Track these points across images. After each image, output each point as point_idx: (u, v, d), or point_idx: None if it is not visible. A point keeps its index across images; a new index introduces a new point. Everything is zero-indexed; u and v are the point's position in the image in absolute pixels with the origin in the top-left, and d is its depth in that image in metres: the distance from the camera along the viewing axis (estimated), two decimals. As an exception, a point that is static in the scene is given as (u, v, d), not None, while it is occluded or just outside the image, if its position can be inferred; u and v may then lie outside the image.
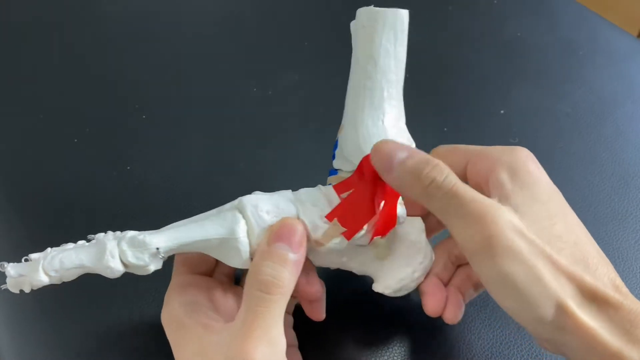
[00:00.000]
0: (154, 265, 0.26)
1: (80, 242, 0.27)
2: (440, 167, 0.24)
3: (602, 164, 0.43)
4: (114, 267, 0.25)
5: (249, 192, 0.28)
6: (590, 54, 0.51)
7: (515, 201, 0.25)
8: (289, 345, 0.31)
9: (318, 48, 0.51)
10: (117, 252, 0.25)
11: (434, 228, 0.32)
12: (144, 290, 0.35)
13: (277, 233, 0.25)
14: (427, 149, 0.30)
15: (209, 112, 0.46)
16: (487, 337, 0.33)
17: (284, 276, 0.24)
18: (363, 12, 0.27)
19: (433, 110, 0.46)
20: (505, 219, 0.23)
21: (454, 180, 0.24)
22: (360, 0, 0.28)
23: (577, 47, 0.52)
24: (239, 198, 0.27)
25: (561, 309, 0.23)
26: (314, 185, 0.29)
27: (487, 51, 0.51)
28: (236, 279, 0.32)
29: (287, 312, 0.32)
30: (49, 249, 0.26)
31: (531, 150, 0.28)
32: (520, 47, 0.52)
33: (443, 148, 0.30)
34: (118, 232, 0.27)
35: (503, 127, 0.45)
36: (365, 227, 0.27)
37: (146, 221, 0.28)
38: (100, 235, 0.26)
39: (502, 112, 0.46)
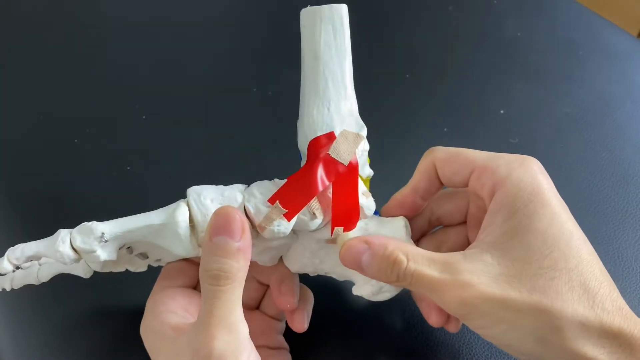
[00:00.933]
0: (102, 252, 0.27)
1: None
2: (399, 263, 0.25)
3: (602, 164, 0.43)
4: (62, 251, 0.26)
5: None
6: (590, 54, 0.51)
7: (502, 241, 0.25)
8: (279, 348, 0.31)
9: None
10: (68, 239, 0.27)
11: (424, 229, 0.32)
12: (147, 291, 0.35)
13: (215, 225, 0.25)
14: (427, 149, 0.30)
15: (209, 112, 0.46)
16: (487, 337, 0.33)
17: (231, 267, 0.24)
18: (304, 13, 0.28)
19: (433, 110, 0.46)
20: (469, 286, 0.24)
21: (412, 267, 0.25)
22: (359, 1, 0.28)
23: (577, 47, 0.52)
24: (188, 189, 0.28)
25: (546, 342, 0.23)
26: None
27: (487, 51, 0.51)
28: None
29: (276, 318, 0.32)
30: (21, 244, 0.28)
31: (531, 150, 0.28)
32: (520, 47, 0.52)
33: (443, 152, 0.29)
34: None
35: (503, 127, 0.45)
36: (320, 216, 0.27)
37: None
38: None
39: (502, 112, 0.46)
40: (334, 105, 0.28)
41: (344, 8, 0.28)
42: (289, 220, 0.27)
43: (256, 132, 0.45)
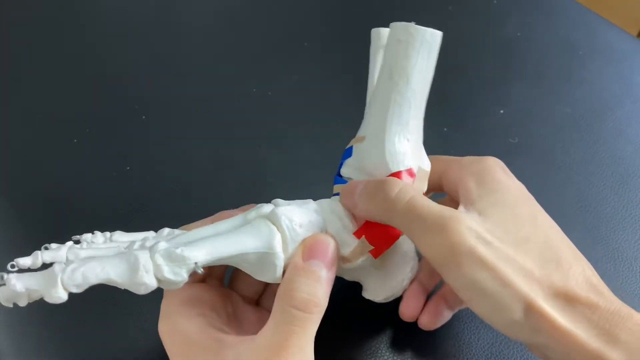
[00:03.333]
0: (185, 280, 0.24)
1: (86, 236, 0.26)
2: (391, 183, 0.25)
3: (602, 164, 0.43)
4: (149, 283, 0.22)
5: (249, 192, 0.28)
6: (590, 54, 0.51)
7: (480, 206, 0.25)
8: None
9: (318, 48, 0.51)
10: (151, 267, 0.23)
11: None
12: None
13: (312, 249, 0.25)
14: (428, 149, 0.30)
15: (209, 112, 0.46)
16: (487, 337, 0.33)
17: (320, 294, 0.24)
18: (400, 27, 0.27)
19: (433, 110, 0.46)
20: (467, 226, 0.23)
21: (409, 193, 0.24)
22: (359, 1, 0.28)
23: (577, 47, 0.52)
24: (271, 209, 0.26)
25: (532, 310, 0.23)
26: (314, 185, 0.29)
27: (486, 51, 0.51)
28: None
29: None
30: (69, 243, 0.24)
31: (531, 150, 0.28)
32: (519, 47, 0.52)
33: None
34: (141, 241, 0.25)
35: (503, 127, 0.45)
36: None
37: (146, 221, 0.28)
38: (124, 238, 0.25)
39: (501, 112, 0.46)
40: (413, 138, 0.27)
41: (440, 36, 0.27)
42: (375, 257, 0.27)
43: (256, 132, 0.45)
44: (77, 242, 0.26)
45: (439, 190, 0.30)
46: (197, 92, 0.48)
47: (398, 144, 0.27)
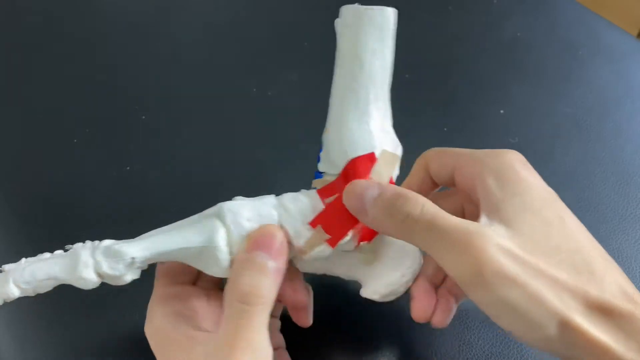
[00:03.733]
0: (130, 275, 0.25)
1: (58, 252, 0.26)
2: (414, 200, 0.23)
3: (602, 164, 0.43)
4: (87, 277, 0.24)
5: (249, 192, 0.28)
6: (590, 54, 0.51)
7: (506, 214, 0.23)
8: (277, 347, 0.30)
9: (318, 48, 0.51)
10: (91, 263, 0.24)
11: None
12: (146, 290, 0.35)
13: (256, 241, 0.24)
14: (427, 149, 0.30)
15: (209, 112, 0.46)
16: (487, 337, 0.33)
17: (264, 285, 0.24)
18: (348, 10, 0.26)
19: (433, 110, 0.46)
20: (494, 243, 0.22)
21: (432, 210, 0.23)
22: (359, 1, 0.28)
23: (577, 47, 0.52)
24: (219, 204, 0.26)
25: (566, 326, 0.21)
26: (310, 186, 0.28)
27: (486, 51, 0.51)
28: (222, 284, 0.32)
29: (273, 315, 0.31)
30: (23, 260, 0.25)
31: (531, 150, 0.27)
32: (519, 47, 0.52)
33: (433, 151, 0.29)
34: (96, 242, 0.26)
35: (503, 127, 0.45)
36: (350, 232, 0.26)
37: (146, 221, 0.28)
38: (78, 245, 0.26)
39: (501, 112, 0.46)
40: (373, 121, 0.26)
41: (393, 13, 0.26)
42: (332, 246, 0.26)
43: (256, 132, 0.45)
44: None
45: (450, 185, 0.29)
46: (197, 92, 0.48)
47: (357, 130, 0.26)
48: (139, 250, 0.25)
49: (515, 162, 0.25)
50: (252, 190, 0.28)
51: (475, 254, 0.22)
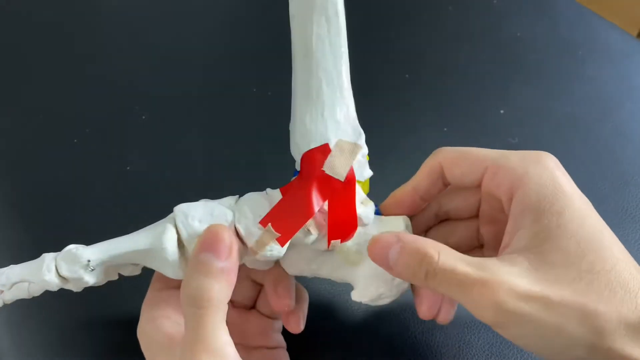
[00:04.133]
0: (90, 278, 0.26)
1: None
2: (428, 257, 0.23)
3: (602, 164, 0.43)
4: (49, 280, 0.25)
5: (249, 192, 0.28)
6: (590, 54, 0.51)
7: (537, 240, 0.23)
8: (276, 347, 0.30)
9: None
10: (53, 266, 0.26)
11: (430, 223, 0.31)
12: (144, 292, 0.35)
13: (202, 242, 0.24)
14: (428, 149, 0.29)
15: (209, 112, 0.46)
16: (487, 337, 0.33)
17: (212, 287, 0.23)
18: (292, 1, 0.25)
19: (433, 110, 0.46)
20: (507, 288, 0.22)
21: (448, 263, 0.23)
22: (359, 1, 0.28)
23: (577, 47, 0.52)
24: (175, 207, 0.27)
25: (596, 348, 0.21)
26: None
27: (486, 51, 0.51)
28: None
29: (273, 318, 0.31)
30: (11, 265, 0.26)
31: (531, 150, 0.27)
32: (519, 47, 0.52)
33: (451, 152, 0.28)
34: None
35: (503, 127, 0.45)
36: (315, 232, 0.26)
37: (146, 221, 0.28)
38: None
39: (502, 112, 0.46)
40: (328, 111, 0.25)
41: None
42: (282, 245, 0.25)
43: (256, 132, 0.45)
44: None
45: (469, 188, 0.28)
46: (197, 92, 0.48)
47: (310, 122, 0.25)
48: (94, 253, 0.26)
49: (555, 170, 0.25)
50: (252, 190, 0.28)
51: (490, 300, 0.22)
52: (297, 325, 0.30)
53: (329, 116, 0.26)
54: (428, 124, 0.45)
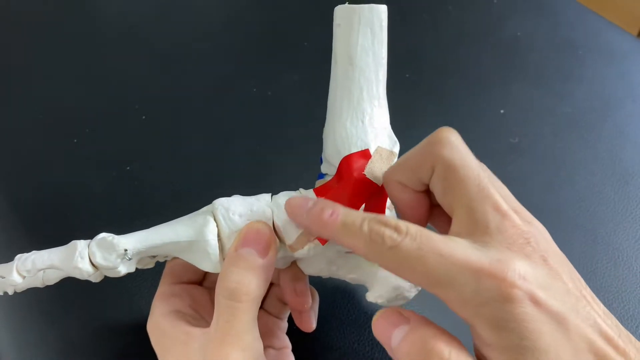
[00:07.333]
0: (123, 268, 0.26)
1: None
2: (435, 355, 0.22)
3: (602, 164, 0.43)
4: (82, 267, 0.25)
5: (249, 192, 0.28)
6: (590, 53, 0.51)
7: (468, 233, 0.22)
8: (282, 348, 0.30)
9: (318, 48, 0.51)
10: (86, 253, 0.25)
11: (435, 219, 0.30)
12: (146, 291, 0.35)
13: (244, 237, 0.25)
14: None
15: (209, 112, 0.46)
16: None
17: (251, 282, 0.24)
18: (339, 10, 0.26)
19: (433, 110, 0.46)
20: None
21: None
22: (359, 1, 0.28)
23: (577, 46, 0.52)
24: (214, 200, 0.27)
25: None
26: (314, 185, 0.28)
27: (487, 51, 0.51)
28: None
29: (279, 318, 0.31)
30: (33, 251, 0.26)
31: (531, 150, 0.26)
32: (520, 47, 0.52)
33: (391, 169, 0.26)
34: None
35: (503, 126, 0.45)
36: None
37: (146, 221, 0.28)
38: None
39: (502, 111, 0.46)
40: (368, 118, 0.26)
41: (384, 10, 0.26)
42: (323, 244, 0.26)
43: (256, 132, 0.45)
44: None
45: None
46: (197, 92, 0.48)
47: (350, 127, 0.26)
48: (131, 242, 0.25)
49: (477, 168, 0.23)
50: (252, 190, 0.28)
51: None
52: (310, 324, 0.30)
53: (369, 123, 0.26)
54: (428, 124, 0.45)
